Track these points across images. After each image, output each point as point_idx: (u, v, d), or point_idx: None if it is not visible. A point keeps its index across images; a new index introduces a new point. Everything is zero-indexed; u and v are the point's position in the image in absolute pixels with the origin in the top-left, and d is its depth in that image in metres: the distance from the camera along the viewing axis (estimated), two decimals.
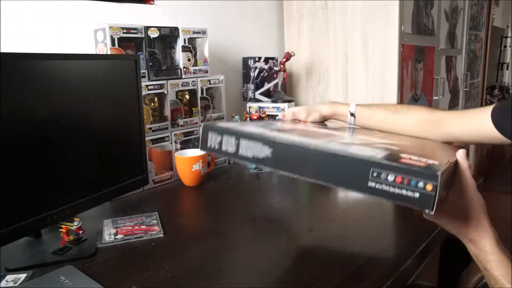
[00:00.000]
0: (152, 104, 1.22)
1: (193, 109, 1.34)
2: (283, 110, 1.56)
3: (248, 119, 1.54)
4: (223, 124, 0.68)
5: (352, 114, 0.85)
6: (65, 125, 0.83)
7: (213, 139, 0.63)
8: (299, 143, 0.56)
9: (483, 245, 0.59)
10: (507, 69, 3.72)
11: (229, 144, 0.61)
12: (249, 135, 0.60)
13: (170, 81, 1.24)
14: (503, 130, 0.69)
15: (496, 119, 0.70)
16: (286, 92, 1.83)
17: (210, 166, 1.30)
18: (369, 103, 0.87)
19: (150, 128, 1.19)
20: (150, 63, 1.20)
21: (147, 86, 1.17)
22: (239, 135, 0.60)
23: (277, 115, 1.55)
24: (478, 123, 0.73)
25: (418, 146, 0.69)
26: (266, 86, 1.62)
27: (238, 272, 0.74)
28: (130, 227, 0.91)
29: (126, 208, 1.03)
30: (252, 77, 1.58)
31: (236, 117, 1.49)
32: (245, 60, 1.60)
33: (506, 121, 0.68)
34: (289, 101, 1.58)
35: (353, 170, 0.50)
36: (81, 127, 0.87)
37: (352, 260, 0.76)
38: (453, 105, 2.27)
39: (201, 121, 1.36)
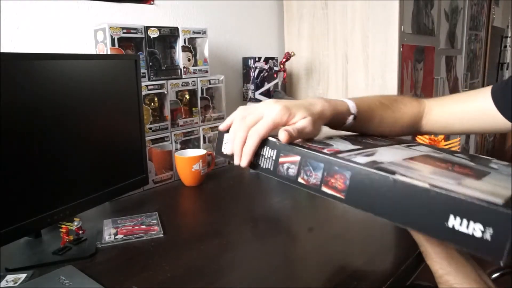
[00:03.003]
0: (152, 104, 1.22)
1: (193, 109, 1.34)
2: None
3: None
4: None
5: (354, 116, 0.65)
6: (65, 125, 0.83)
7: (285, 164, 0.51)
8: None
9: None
10: (507, 69, 3.72)
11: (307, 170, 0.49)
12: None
13: (170, 81, 1.24)
14: (507, 111, 0.61)
15: (499, 100, 0.61)
16: (286, 92, 1.84)
17: (210, 166, 1.30)
18: (357, 97, 0.69)
19: (150, 128, 1.19)
20: (150, 63, 1.20)
21: (147, 86, 1.17)
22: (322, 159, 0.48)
23: None
24: (473, 107, 0.65)
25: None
26: (266, 86, 1.62)
27: (238, 272, 0.74)
28: (130, 227, 0.91)
29: (126, 208, 1.03)
30: (252, 77, 1.58)
31: None
32: (245, 60, 1.60)
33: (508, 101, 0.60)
34: None
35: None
36: (81, 127, 0.87)
37: (352, 260, 0.76)
38: None
39: (201, 121, 1.36)
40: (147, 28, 1.18)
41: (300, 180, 0.50)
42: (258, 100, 1.61)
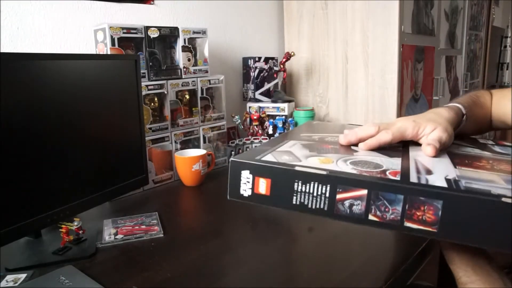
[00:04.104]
0: (152, 104, 1.22)
1: (193, 109, 1.34)
2: (283, 110, 1.54)
3: (248, 119, 1.54)
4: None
5: (465, 117, 0.63)
6: (65, 125, 0.83)
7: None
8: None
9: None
10: (507, 69, 3.72)
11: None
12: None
13: (170, 81, 1.24)
14: None
15: None
16: (286, 92, 1.84)
17: (210, 166, 1.30)
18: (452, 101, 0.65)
19: (150, 128, 1.19)
20: (150, 63, 1.20)
21: (147, 86, 1.17)
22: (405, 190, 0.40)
23: (277, 115, 1.55)
24: None
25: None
26: (266, 86, 1.62)
27: (238, 272, 0.74)
28: (130, 227, 0.91)
29: (126, 208, 1.03)
30: (252, 77, 1.58)
31: (236, 116, 1.49)
32: (245, 60, 1.60)
33: None
34: (289, 101, 1.58)
35: None
36: (81, 127, 0.87)
37: (352, 260, 0.76)
38: None
39: (201, 121, 1.36)
40: (147, 28, 1.18)
41: (372, 217, 0.42)
42: (258, 100, 1.61)
